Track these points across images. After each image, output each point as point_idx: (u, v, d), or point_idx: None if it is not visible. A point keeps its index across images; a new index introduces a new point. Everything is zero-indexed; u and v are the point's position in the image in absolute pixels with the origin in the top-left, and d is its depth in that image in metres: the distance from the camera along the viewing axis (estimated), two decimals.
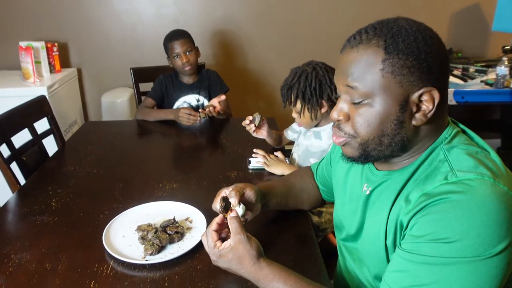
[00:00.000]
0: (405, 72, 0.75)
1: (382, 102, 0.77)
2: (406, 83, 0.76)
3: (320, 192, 1.28)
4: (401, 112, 0.77)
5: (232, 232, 0.94)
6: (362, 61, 0.77)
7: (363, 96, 0.78)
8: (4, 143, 1.65)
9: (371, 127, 0.80)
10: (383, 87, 0.76)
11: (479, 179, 0.71)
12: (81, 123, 3.12)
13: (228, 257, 0.93)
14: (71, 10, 3.05)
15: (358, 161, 0.87)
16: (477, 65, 2.91)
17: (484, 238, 0.67)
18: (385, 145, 0.81)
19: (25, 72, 2.70)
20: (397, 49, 0.75)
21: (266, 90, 3.35)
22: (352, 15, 3.12)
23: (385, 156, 0.84)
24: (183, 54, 2.25)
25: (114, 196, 1.44)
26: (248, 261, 0.91)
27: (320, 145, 1.60)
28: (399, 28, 0.77)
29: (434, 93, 0.76)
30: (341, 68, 0.82)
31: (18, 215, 1.37)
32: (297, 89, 1.50)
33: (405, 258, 0.74)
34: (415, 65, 0.75)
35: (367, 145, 0.82)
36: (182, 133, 2.12)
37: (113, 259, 1.09)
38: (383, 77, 0.76)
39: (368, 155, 0.83)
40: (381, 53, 0.76)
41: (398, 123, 0.78)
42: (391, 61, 0.75)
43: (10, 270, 1.06)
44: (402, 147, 0.81)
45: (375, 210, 0.89)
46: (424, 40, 0.76)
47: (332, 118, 0.86)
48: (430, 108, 0.77)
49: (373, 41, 0.77)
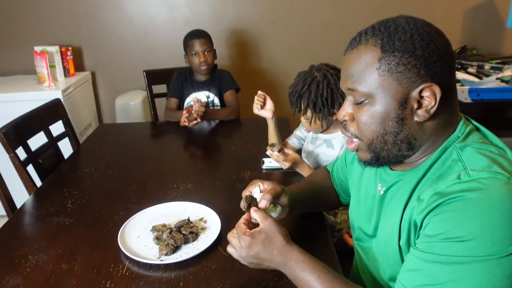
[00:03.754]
0: (402, 69, 0.76)
1: (381, 101, 0.78)
2: (404, 80, 0.76)
3: (338, 194, 1.28)
4: (401, 109, 0.78)
5: (260, 219, 0.91)
6: (361, 61, 0.79)
7: (364, 96, 0.80)
8: (20, 146, 1.67)
9: (374, 126, 0.81)
10: (381, 86, 0.77)
11: (492, 177, 0.70)
12: (95, 125, 3.15)
13: (260, 238, 0.88)
14: (85, 15, 3.09)
15: (373, 165, 0.87)
16: (492, 62, 2.86)
17: (498, 237, 0.66)
18: (390, 143, 0.81)
19: (40, 76, 2.73)
20: (393, 47, 0.76)
21: (279, 89, 3.34)
22: (365, 14, 3.10)
23: (396, 156, 0.83)
24: (202, 53, 2.28)
25: (129, 197, 1.45)
26: (280, 241, 0.87)
27: (332, 155, 1.57)
28: (396, 27, 0.77)
29: (435, 88, 0.76)
30: (343, 70, 0.84)
31: (34, 216, 1.38)
32: (307, 98, 1.45)
33: (419, 257, 0.73)
34: (411, 61, 0.75)
35: (374, 146, 0.83)
36: (195, 134, 2.13)
37: (129, 260, 1.10)
38: (380, 75, 0.77)
39: (378, 156, 0.84)
40: (378, 52, 0.77)
41: (399, 121, 0.78)
42: (387, 60, 0.76)
43: (28, 271, 1.07)
44: (409, 145, 0.81)
45: (389, 210, 0.88)
46: (420, 36, 0.76)
47: (338, 118, 0.88)
48: (432, 104, 0.76)
49: (371, 41, 0.78)
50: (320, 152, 1.62)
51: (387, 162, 0.87)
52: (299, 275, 0.85)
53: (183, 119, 2.11)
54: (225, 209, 1.29)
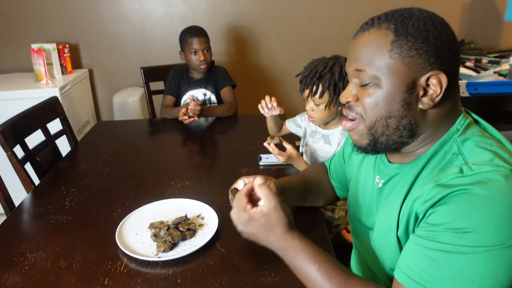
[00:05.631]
0: (413, 54, 0.76)
1: (389, 83, 0.78)
2: (414, 65, 0.77)
3: (334, 188, 1.28)
4: (408, 94, 0.78)
5: (265, 198, 0.86)
6: (372, 43, 0.79)
7: (371, 77, 0.80)
8: (18, 144, 1.67)
9: (378, 107, 0.81)
10: (391, 69, 0.78)
11: (495, 171, 0.71)
12: (93, 123, 3.15)
13: (259, 222, 0.85)
14: (81, 12, 3.08)
15: (368, 150, 0.87)
16: (490, 56, 2.86)
17: (501, 229, 0.66)
18: (392, 128, 0.81)
19: (38, 74, 2.73)
20: (406, 31, 0.76)
21: (276, 85, 3.35)
22: (364, 10, 3.09)
23: (395, 143, 0.83)
24: (201, 52, 2.27)
25: (127, 194, 1.45)
26: (280, 229, 0.85)
27: (329, 151, 1.57)
28: (410, 14, 0.79)
29: (442, 77, 0.76)
30: (351, 52, 0.84)
31: (33, 214, 1.39)
32: (329, 79, 1.42)
33: (420, 244, 0.73)
34: (423, 47, 0.76)
35: (375, 129, 0.82)
36: (193, 131, 2.13)
37: (127, 257, 1.10)
38: (391, 58, 0.77)
39: (376, 141, 0.84)
40: (391, 35, 0.78)
41: (404, 105, 0.79)
42: (399, 43, 0.77)
43: (26, 269, 1.07)
44: (410, 132, 0.81)
45: (388, 203, 0.88)
46: (433, 25, 0.77)
47: (341, 100, 0.87)
48: (438, 92, 0.77)
49: (384, 25, 0.79)
50: (317, 147, 1.62)
51: (384, 149, 0.86)
52: (298, 264, 0.83)
53: (182, 113, 2.10)
54: (223, 205, 1.29)
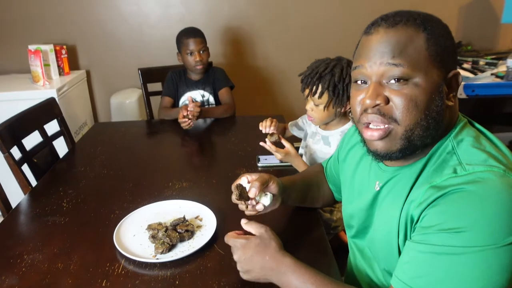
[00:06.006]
0: (446, 52, 0.78)
1: (428, 81, 0.76)
2: (445, 63, 0.78)
3: (331, 190, 1.28)
4: (440, 93, 0.78)
5: (255, 226, 0.96)
6: (406, 38, 0.76)
7: (409, 74, 0.75)
8: (15, 145, 1.66)
9: (419, 108, 0.76)
10: (429, 65, 0.76)
11: (488, 171, 0.71)
12: (91, 124, 3.14)
13: (254, 242, 0.92)
14: (79, 13, 3.07)
15: (393, 157, 0.81)
16: (487, 58, 2.87)
17: (494, 228, 0.66)
18: (431, 129, 0.77)
19: (35, 75, 2.72)
20: (435, 30, 0.78)
21: (274, 87, 3.35)
22: (361, 11, 3.10)
23: (424, 145, 0.79)
24: (197, 53, 2.26)
25: (124, 196, 1.45)
26: (273, 248, 0.91)
27: (328, 152, 1.56)
28: (425, 14, 0.80)
29: (459, 75, 0.80)
30: (377, 48, 0.77)
31: (30, 216, 1.38)
32: (328, 80, 1.42)
33: (414, 249, 0.73)
34: (450, 46, 0.79)
35: (412, 132, 0.77)
36: (190, 132, 2.12)
37: (124, 258, 1.10)
38: (430, 55, 0.76)
39: (409, 145, 0.78)
40: (422, 33, 0.77)
41: (441, 103, 0.78)
42: (434, 41, 0.77)
43: (23, 270, 1.07)
44: (436, 132, 0.79)
45: (386, 206, 0.88)
46: (447, 27, 0.80)
47: (367, 104, 0.78)
48: (457, 90, 0.80)
49: (410, 22, 0.78)
50: (317, 148, 1.62)
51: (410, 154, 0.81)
52: (291, 278, 0.87)
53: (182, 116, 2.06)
54: (221, 207, 1.29)
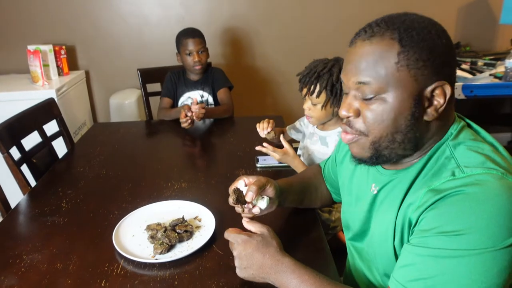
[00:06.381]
0: (420, 65, 0.74)
1: (396, 97, 0.75)
2: (420, 76, 0.74)
3: (329, 191, 1.28)
4: (415, 107, 0.76)
5: (257, 225, 0.98)
6: (376, 54, 0.75)
7: (376, 91, 0.76)
8: (14, 145, 1.66)
9: (385, 123, 0.77)
10: (398, 81, 0.74)
11: (486, 173, 0.71)
12: (90, 124, 3.14)
13: (257, 239, 0.93)
14: (78, 14, 3.07)
15: (368, 163, 0.84)
16: (486, 59, 2.88)
17: (492, 231, 0.66)
18: (398, 142, 0.78)
19: (34, 76, 2.72)
20: (412, 41, 0.73)
21: (272, 87, 3.35)
22: (359, 12, 3.11)
23: (397, 156, 0.81)
24: (196, 53, 2.27)
25: (123, 196, 1.45)
26: (274, 247, 0.93)
27: (326, 152, 1.57)
28: (411, 21, 0.75)
29: (446, 88, 0.75)
30: (351, 63, 0.79)
31: (29, 216, 1.38)
32: (326, 80, 1.42)
33: (412, 252, 0.73)
34: (430, 58, 0.74)
35: (379, 144, 0.79)
36: (189, 133, 2.12)
37: (123, 259, 1.10)
38: (398, 71, 0.74)
39: (379, 155, 0.81)
40: (396, 45, 0.74)
41: (412, 119, 0.76)
42: (406, 54, 0.73)
43: (22, 271, 1.07)
44: (414, 145, 0.80)
45: (383, 209, 0.88)
46: (436, 34, 0.75)
47: (341, 115, 0.82)
48: (442, 103, 0.76)
49: (387, 34, 0.75)
50: (315, 149, 1.62)
51: (384, 162, 0.84)
52: (290, 278, 0.87)
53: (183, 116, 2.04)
54: (220, 207, 1.29)
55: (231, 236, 0.97)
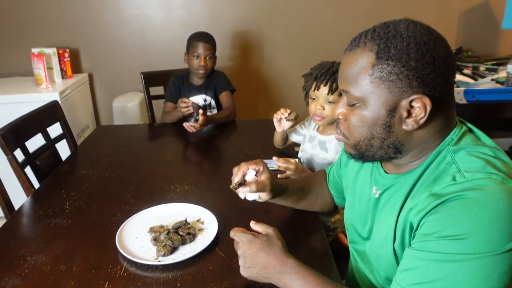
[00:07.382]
0: (393, 78, 0.76)
1: (371, 107, 0.79)
2: (395, 89, 0.76)
3: (332, 196, 1.29)
4: (389, 117, 0.79)
5: (263, 226, 0.99)
6: (356, 65, 0.79)
7: (356, 99, 0.81)
8: (18, 148, 1.67)
9: (362, 129, 0.83)
10: (372, 92, 0.78)
11: (487, 178, 0.71)
12: (93, 127, 3.16)
13: (261, 239, 0.94)
14: (82, 17, 3.09)
15: (357, 159, 0.90)
16: (488, 64, 2.88)
17: (493, 235, 0.66)
18: (376, 147, 0.83)
19: (38, 78, 2.73)
20: (387, 55, 0.75)
21: (276, 91, 3.36)
22: (363, 16, 3.12)
23: (381, 157, 0.86)
24: (203, 58, 2.29)
25: (127, 198, 1.46)
26: (278, 248, 0.93)
27: (325, 157, 1.57)
28: (395, 33, 0.76)
29: (425, 100, 0.75)
30: (341, 71, 0.85)
31: (33, 218, 1.39)
32: None
33: (414, 256, 0.74)
34: (404, 71, 0.75)
35: (360, 146, 0.85)
36: (192, 136, 2.13)
37: (126, 260, 1.11)
38: (372, 82, 0.78)
39: (363, 154, 0.87)
40: (373, 58, 0.77)
41: (386, 128, 0.80)
42: (379, 67, 0.76)
43: (26, 272, 1.08)
44: (396, 150, 0.83)
45: (384, 213, 0.89)
46: (417, 46, 0.74)
47: (333, 115, 0.91)
48: (422, 115, 0.76)
49: (368, 45, 0.78)
50: (314, 153, 1.63)
51: (371, 160, 0.89)
52: (293, 279, 0.88)
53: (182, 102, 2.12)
54: (222, 210, 1.30)
55: (236, 235, 0.97)
